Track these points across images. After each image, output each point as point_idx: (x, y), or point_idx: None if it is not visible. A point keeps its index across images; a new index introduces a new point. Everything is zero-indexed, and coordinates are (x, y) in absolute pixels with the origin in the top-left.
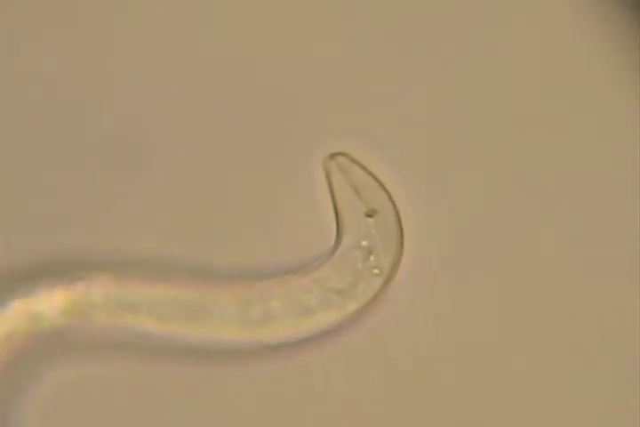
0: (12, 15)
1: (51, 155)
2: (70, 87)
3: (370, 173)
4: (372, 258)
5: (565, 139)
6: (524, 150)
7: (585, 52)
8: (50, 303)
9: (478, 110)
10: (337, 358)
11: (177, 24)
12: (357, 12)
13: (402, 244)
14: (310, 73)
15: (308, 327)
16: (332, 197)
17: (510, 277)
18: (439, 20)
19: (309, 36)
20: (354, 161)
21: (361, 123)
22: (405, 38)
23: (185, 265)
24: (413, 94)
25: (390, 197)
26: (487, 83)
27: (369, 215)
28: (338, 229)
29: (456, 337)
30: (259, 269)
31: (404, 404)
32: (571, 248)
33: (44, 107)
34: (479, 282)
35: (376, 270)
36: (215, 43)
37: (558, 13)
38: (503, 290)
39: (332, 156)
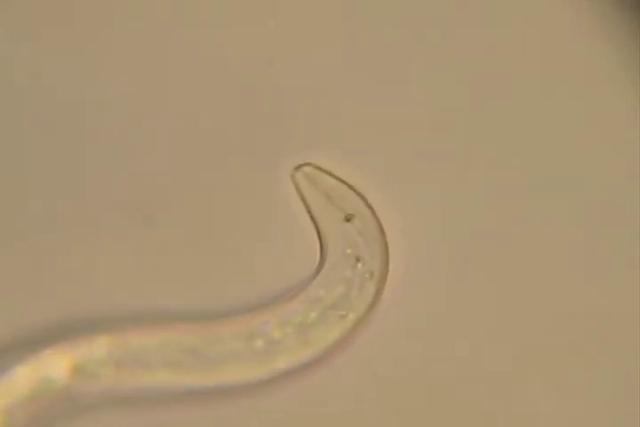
0: (12, 15)
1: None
2: (71, 90)
3: (338, 179)
4: (359, 264)
5: (565, 139)
6: (522, 150)
7: (585, 52)
8: (57, 366)
9: (476, 110)
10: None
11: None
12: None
13: (386, 244)
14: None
15: (315, 347)
16: (308, 209)
17: (499, 270)
18: (430, 21)
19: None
20: (320, 169)
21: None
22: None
23: (177, 310)
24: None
25: (364, 200)
26: (487, 83)
27: (347, 220)
28: (320, 241)
29: (455, 332)
30: (251, 299)
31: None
32: (563, 244)
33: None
34: (470, 275)
35: (367, 275)
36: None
37: (558, 13)
38: (494, 282)
39: (298, 167)
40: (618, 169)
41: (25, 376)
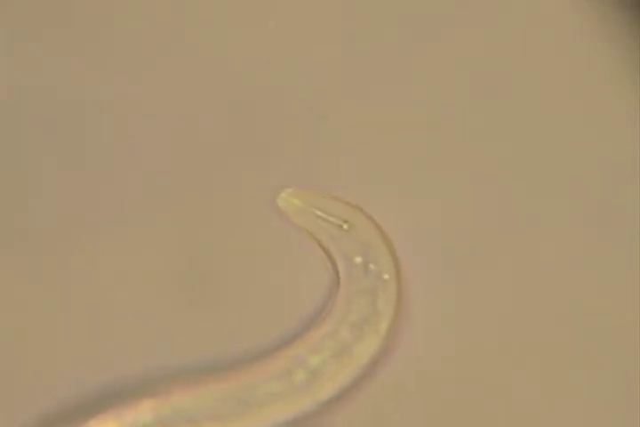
0: (12, 15)
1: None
2: (70, 91)
3: (323, 193)
4: (372, 266)
5: (564, 139)
6: (522, 150)
7: (585, 52)
8: None
9: (475, 110)
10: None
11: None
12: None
13: (391, 244)
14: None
15: (354, 366)
16: (305, 230)
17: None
18: (430, 21)
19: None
20: (302, 189)
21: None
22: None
23: (210, 362)
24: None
25: (356, 208)
26: (486, 83)
27: (343, 227)
28: (328, 259)
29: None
30: (279, 335)
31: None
32: (567, 248)
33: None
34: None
35: (386, 275)
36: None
37: (558, 13)
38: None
39: (283, 194)
40: (618, 169)
41: None
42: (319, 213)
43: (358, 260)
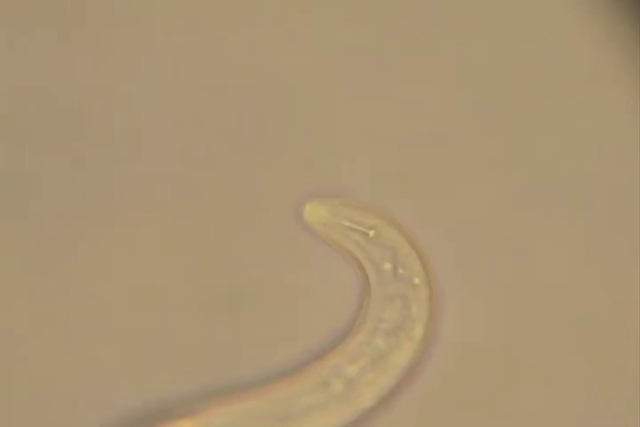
0: (12, 15)
1: None
2: (70, 92)
3: (346, 201)
4: (401, 271)
5: (564, 139)
6: (521, 151)
7: (585, 52)
8: None
9: (474, 110)
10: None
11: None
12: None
13: (418, 246)
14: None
15: (391, 373)
16: (334, 241)
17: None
18: (430, 22)
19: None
20: (325, 199)
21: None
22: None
23: (245, 378)
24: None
25: (379, 211)
26: (485, 82)
27: (369, 234)
28: (356, 267)
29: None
30: (314, 347)
31: None
32: (571, 250)
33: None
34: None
35: (416, 280)
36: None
37: (558, 13)
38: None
39: (308, 206)
40: (617, 169)
41: None
42: (345, 222)
43: (387, 266)
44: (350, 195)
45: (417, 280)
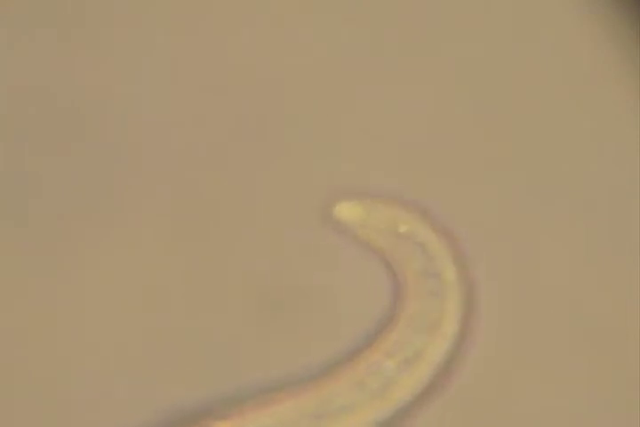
0: (12, 15)
1: None
2: (71, 93)
3: (374, 199)
4: (434, 269)
5: (564, 140)
6: (520, 151)
7: (585, 52)
8: None
9: (475, 110)
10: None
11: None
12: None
13: (450, 242)
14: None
15: (426, 370)
16: (365, 240)
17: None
18: (434, 20)
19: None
20: (353, 198)
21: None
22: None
23: (281, 378)
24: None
25: (409, 207)
26: (485, 83)
27: (400, 231)
28: (392, 267)
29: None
30: (350, 345)
31: None
32: (571, 250)
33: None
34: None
35: (449, 276)
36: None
37: (558, 13)
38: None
39: (338, 207)
40: (617, 169)
41: None
42: (374, 220)
43: (419, 263)
44: (377, 193)
45: (450, 277)
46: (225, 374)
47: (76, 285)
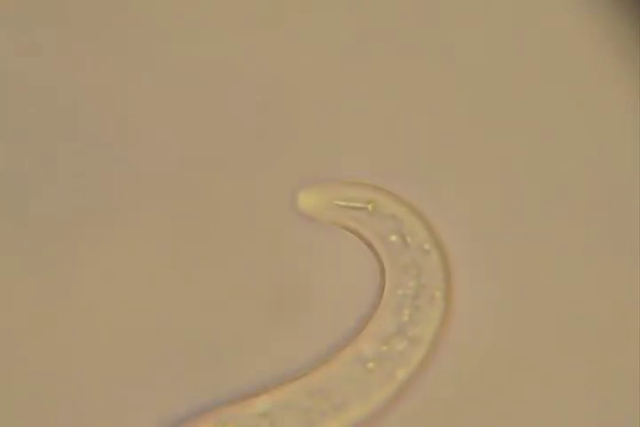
0: (12, 15)
1: None
2: (70, 94)
3: (336, 182)
4: (409, 240)
5: (564, 140)
6: (520, 150)
7: (585, 52)
8: None
9: (475, 110)
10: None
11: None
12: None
13: (420, 213)
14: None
15: (425, 342)
16: (336, 223)
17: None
18: (435, 20)
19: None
20: (316, 184)
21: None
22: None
23: (282, 371)
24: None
25: (371, 185)
26: (485, 83)
27: (368, 208)
28: (367, 244)
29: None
30: (343, 332)
31: None
32: (571, 250)
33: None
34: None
35: (426, 246)
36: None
37: (558, 14)
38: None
39: (301, 196)
40: (617, 169)
41: None
42: (340, 202)
43: (394, 237)
44: (341, 177)
45: (427, 246)
46: (225, 374)
47: (76, 285)
